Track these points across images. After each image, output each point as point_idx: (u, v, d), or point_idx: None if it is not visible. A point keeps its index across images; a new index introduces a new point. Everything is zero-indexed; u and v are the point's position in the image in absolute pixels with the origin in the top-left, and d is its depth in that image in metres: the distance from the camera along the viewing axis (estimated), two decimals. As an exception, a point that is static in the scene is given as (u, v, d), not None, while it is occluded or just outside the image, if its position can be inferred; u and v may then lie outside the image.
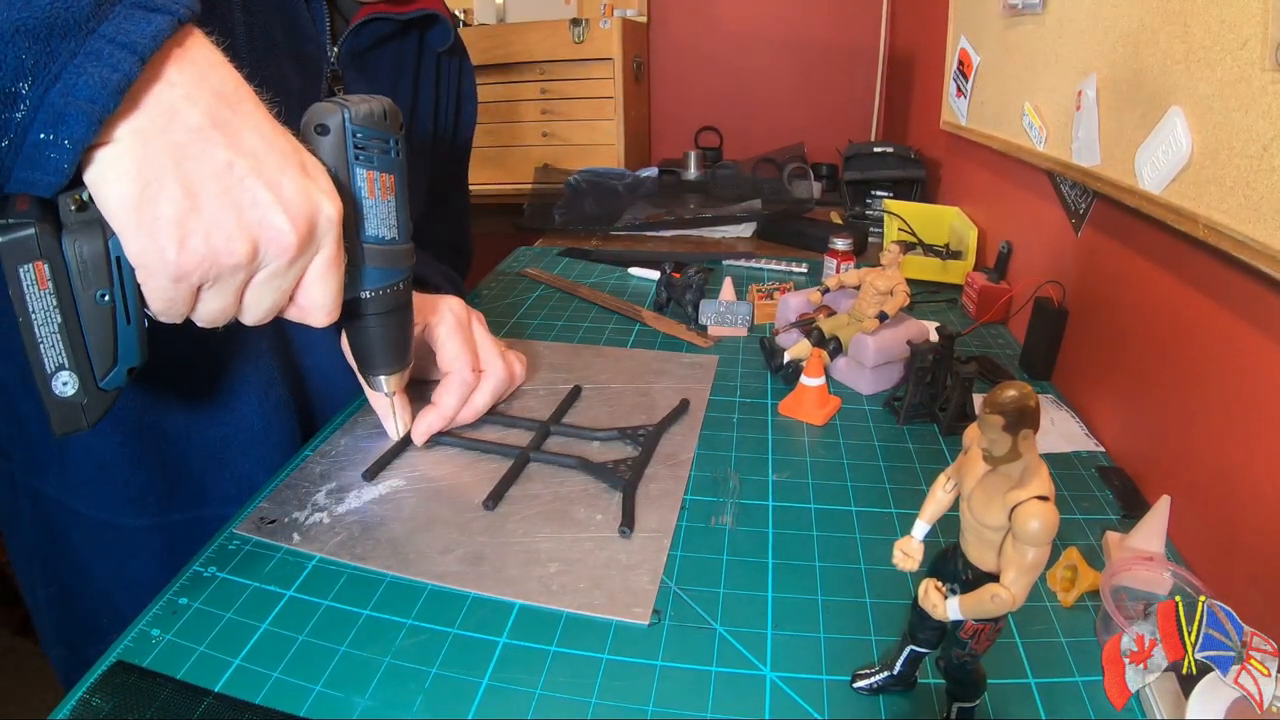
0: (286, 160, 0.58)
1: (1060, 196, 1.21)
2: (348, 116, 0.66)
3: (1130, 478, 0.90)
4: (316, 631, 0.65)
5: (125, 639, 0.64)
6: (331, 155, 0.66)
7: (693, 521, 0.80)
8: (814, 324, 1.14)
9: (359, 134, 0.67)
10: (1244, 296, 0.75)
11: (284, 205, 0.57)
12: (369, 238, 0.72)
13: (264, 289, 0.61)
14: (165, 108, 0.52)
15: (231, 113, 0.55)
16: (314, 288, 0.64)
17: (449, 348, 0.92)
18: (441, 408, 0.91)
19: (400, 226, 0.74)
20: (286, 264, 0.59)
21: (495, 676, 0.61)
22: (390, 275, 0.75)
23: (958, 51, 1.72)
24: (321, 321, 0.66)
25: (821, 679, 0.62)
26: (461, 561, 0.73)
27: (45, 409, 0.57)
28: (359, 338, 0.80)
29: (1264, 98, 0.68)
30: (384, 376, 0.83)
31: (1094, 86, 1.03)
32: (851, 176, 2.10)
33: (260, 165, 0.56)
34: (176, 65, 0.52)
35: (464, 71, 1.25)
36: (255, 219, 0.56)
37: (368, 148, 0.68)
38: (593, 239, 1.97)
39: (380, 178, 0.70)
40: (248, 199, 0.55)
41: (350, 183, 0.68)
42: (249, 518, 0.79)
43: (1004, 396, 0.43)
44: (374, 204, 0.70)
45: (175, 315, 0.58)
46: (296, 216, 0.58)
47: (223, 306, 0.59)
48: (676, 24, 3.01)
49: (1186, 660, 0.53)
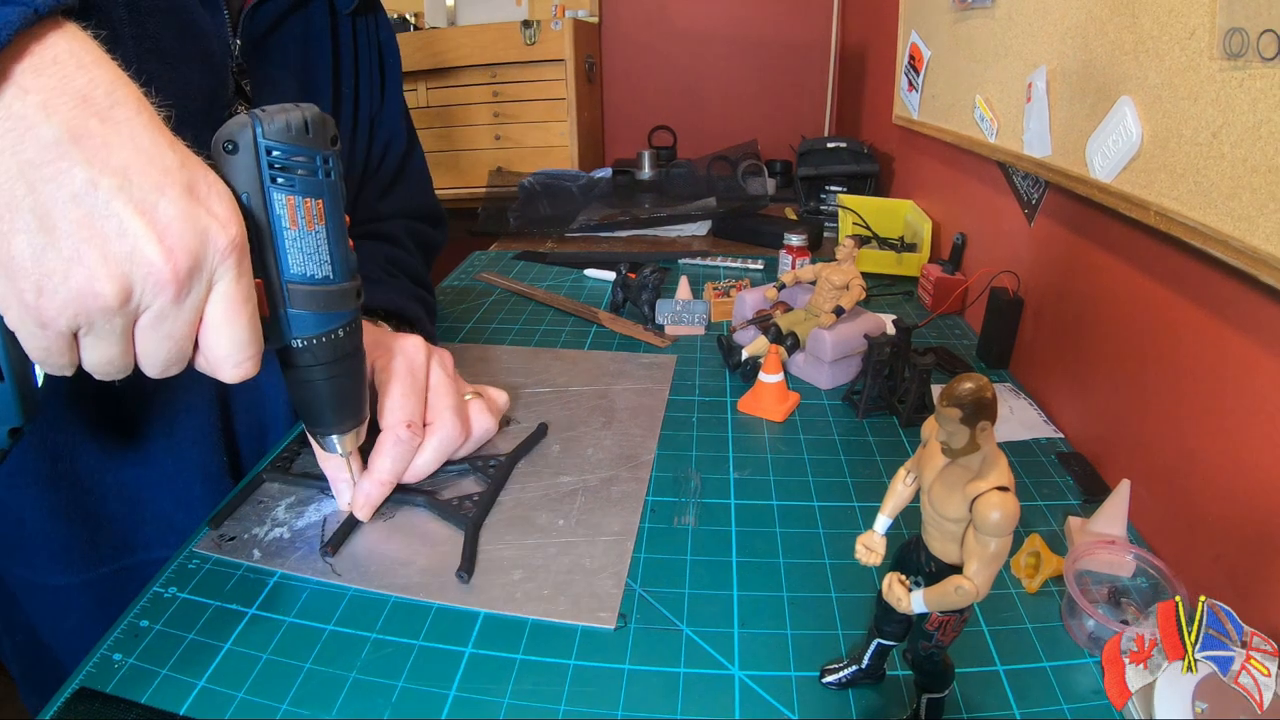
0: (167, 178, 0.49)
1: (1013, 187, 1.22)
2: (259, 131, 0.56)
3: (1090, 462, 0.91)
4: (280, 649, 0.64)
5: (87, 665, 0.62)
6: (243, 178, 0.56)
7: (655, 523, 0.80)
8: (771, 320, 1.14)
9: (275, 151, 0.56)
10: (1196, 282, 0.75)
11: (158, 233, 0.48)
12: (294, 276, 0.61)
13: (152, 335, 0.52)
14: (16, 120, 0.44)
15: (99, 122, 0.46)
16: (214, 334, 0.55)
17: (390, 397, 0.79)
18: (376, 472, 0.78)
19: (336, 262, 0.63)
20: (170, 303, 0.50)
21: (462, 687, 0.61)
22: (327, 321, 0.64)
23: (908, 46, 1.73)
24: (231, 377, 0.57)
25: (790, 676, 0.62)
26: (424, 572, 0.72)
27: None
28: (297, 393, 0.69)
29: (1212, 85, 0.69)
30: (335, 437, 0.72)
31: (1044, 78, 1.04)
32: (805, 172, 2.11)
33: (129, 185, 0.47)
34: (32, 67, 0.44)
35: (380, 25, 1.11)
36: (123, 252, 0.47)
37: (288, 168, 0.57)
38: (548, 241, 1.97)
39: (305, 204, 0.58)
40: (113, 227, 0.47)
41: (267, 210, 0.58)
42: (208, 536, 0.77)
43: (960, 389, 0.43)
44: (298, 235, 0.59)
45: (58, 367, 0.51)
46: (174, 246, 0.49)
47: (109, 356, 0.51)
48: (628, 24, 3.01)
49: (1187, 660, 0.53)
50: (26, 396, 0.53)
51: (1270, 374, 0.65)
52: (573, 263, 1.71)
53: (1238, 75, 0.66)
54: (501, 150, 2.69)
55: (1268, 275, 0.61)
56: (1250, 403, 0.68)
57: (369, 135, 1.12)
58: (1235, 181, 0.66)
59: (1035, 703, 0.59)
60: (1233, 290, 0.70)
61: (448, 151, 2.71)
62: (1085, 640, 0.65)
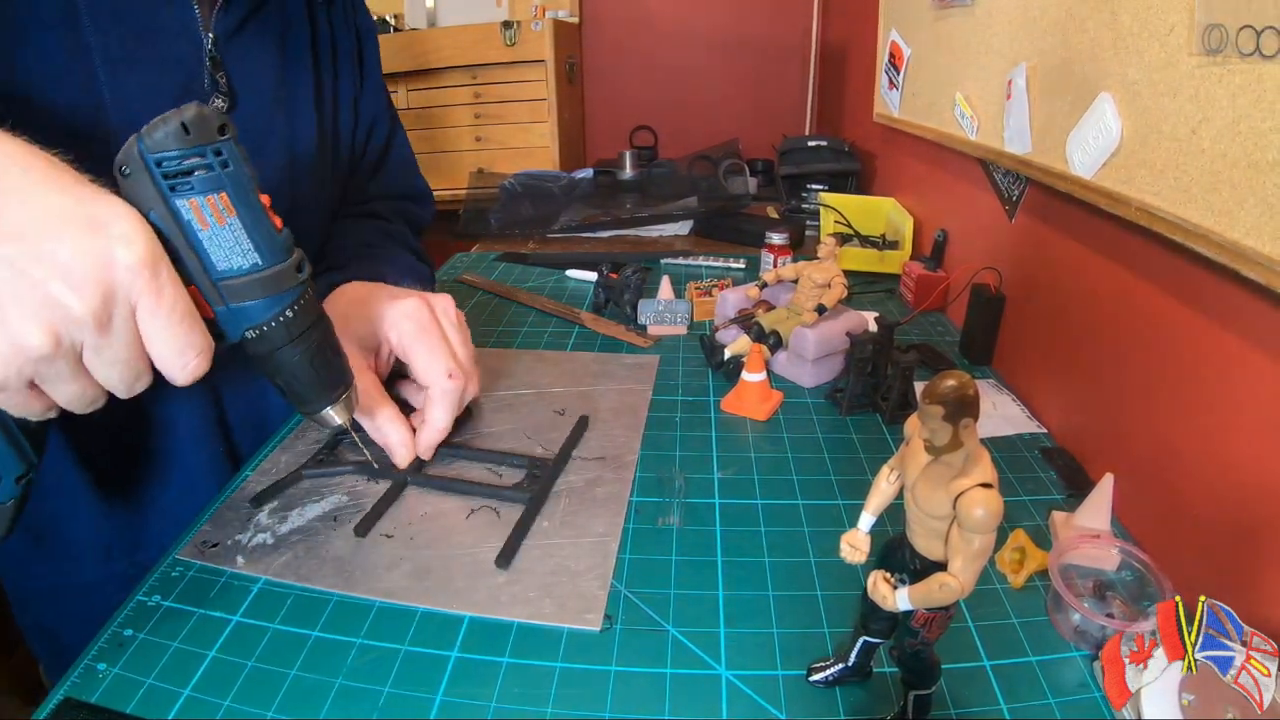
0: (64, 223, 0.50)
1: (993, 184, 1.22)
2: (141, 147, 0.55)
3: (1073, 457, 0.91)
4: (265, 656, 0.64)
5: (72, 675, 0.62)
6: (144, 196, 0.56)
7: (640, 524, 0.80)
8: (753, 319, 1.14)
9: (165, 161, 0.56)
10: (1177, 276, 0.76)
11: (63, 276, 0.49)
12: (222, 273, 0.60)
13: (100, 364, 0.54)
14: None
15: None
16: (154, 346, 0.56)
17: (419, 359, 0.84)
18: (432, 422, 0.84)
19: (262, 246, 0.61)
20: (97, 335, 0.52)
21: (449, 692, 0.60)
22: (272, 305, 0.63)
23: (889, 44, 1.74)
24: (184, 380, 0.58)
25: (777, 674, 0.62)
26: (408, 576, 0.72)
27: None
28: (275, 382, 0.69)
29: (1191, 81, 0.69)
30: (328, 409, 0.73)
31: (1024, 75, 1.04)
32: (787, 171, 2.12)
33: (26, 241, 0.49)
34: None
35: (357, 9, 1.13)
36: (39, 301, 0.49)
37: (181, 172, 0.56)
38: (529, 242, 1.96)
39: (209, 201, 0.58)
40: (24, 285, 0.49)
41: (176, 219, 0.57)
42: (191, 543, 0.76)
43: (943, 387, 0.43)
44: (212, 233, 0.59)
45: (39, 413, 0.54)
46: (82, 283, 0.50)
47: (74, 393, 0.54)
48: (609, 24, 3.01)
49: (1187, 660, 0.53)
50: (18, 444, 0.56)
51: (1251, 367, 0.66)
52: (555, 264, 1.71)
53: (1216, 71, 0.66)
54: (483, 151, 2.69)
55: (1248, 269, 0.62)
56: (1231, 396, 0.68)
57: (353, 119, 1.12)
58: (1215, 176, 0.66)
59: (1022, 697, 0.59)
60: (1213, 284, 0.70)
61: (429, 153, 2.70)
62: (1071, 634, 0.65)
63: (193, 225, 0.58)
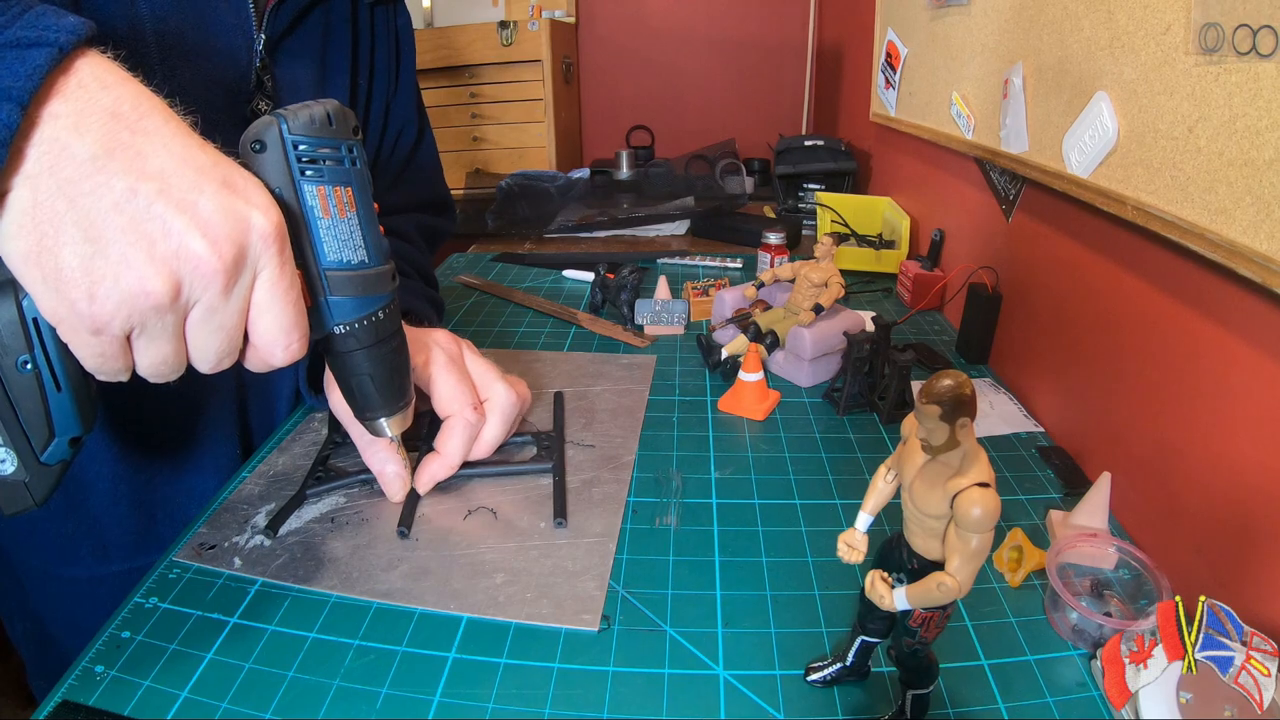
0: (203, 176, 0.51)
1: (990, 183, 1.22)
2: (285, 127, 0.57)
3: (1070, 456, 0.91)
4: (263, 658, 0.64)
5: (69, 677, 0.62)
6: (274, 174, 0.58)
7: (637, 524, 0.80)
8: (750, 319, 1.14)
9: (302, 145, 0.58)
10: (1173, 275, 0.76)
11: (201, 227, 0.50)
12: (331, 264, 0.62)
13: (204, 329, 0.53)
14: (50, 144, 0.46)
15: (131, 134, 0.48)
16: (263, 319, 0.56)
17: (444, 388, 0.83)
18: (446, 455, 0.82)
19: (370, 247, 0.64)
20: (219, 295, 0.52)
21: (447, 693, 0.60)
22: (366, 305, 0.65)
23: (885, 44, 1.74)
24: (282, 360, 0.59)
25: (775, 674, 0.62)
26: (406, 577, 0.72)
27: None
28: (344, 380, 0.70)
29: (1188, 80, 0.69)
30: (384, 419, 0.73)
31: (1020, 74, 1.04)
32: (783, 171, 2.11)
33: (169, 187, 0.49)
34: (60, 96, 0.47)
35: (398, 12, 1.12)
36: (169, 250, 0.49)
37: (316, 160, 0.59)
38: (526, 243, 1.96)
39: (336, 192, 0.60)
40: (158, 228, 0.48)
41: (300, 203, 0.59)
42: (188, 544, 0.76)
43: (939, 386, 0.43)
44: (331, 223, 0.61)
45: (113, 373, 0.52)
46: (219, 238, 0.50)
47: (163, 355, 0.53)
48: (605, 24, 3.00)
49: (1187, 659, 0.53)
50: (84, 405, 0.55)
51: (1247, 365, 0.66)
52: (551, 264, 1.71)
53: (1213, 70, 0.66)
54: (479, 151, 2.68)
55: (1244, 268, 0.62)
56: (1228, 394, 0.68)
57: (382, 123, 1.12)
58: (1211, 175, 0.66)
59: (1020, 696, 0.59)
60: (1210, 283, 0.70)
61: (426, 153, 2.68)
62: (1069, 633, 0.65)
63: (314, 211, 0.60)
